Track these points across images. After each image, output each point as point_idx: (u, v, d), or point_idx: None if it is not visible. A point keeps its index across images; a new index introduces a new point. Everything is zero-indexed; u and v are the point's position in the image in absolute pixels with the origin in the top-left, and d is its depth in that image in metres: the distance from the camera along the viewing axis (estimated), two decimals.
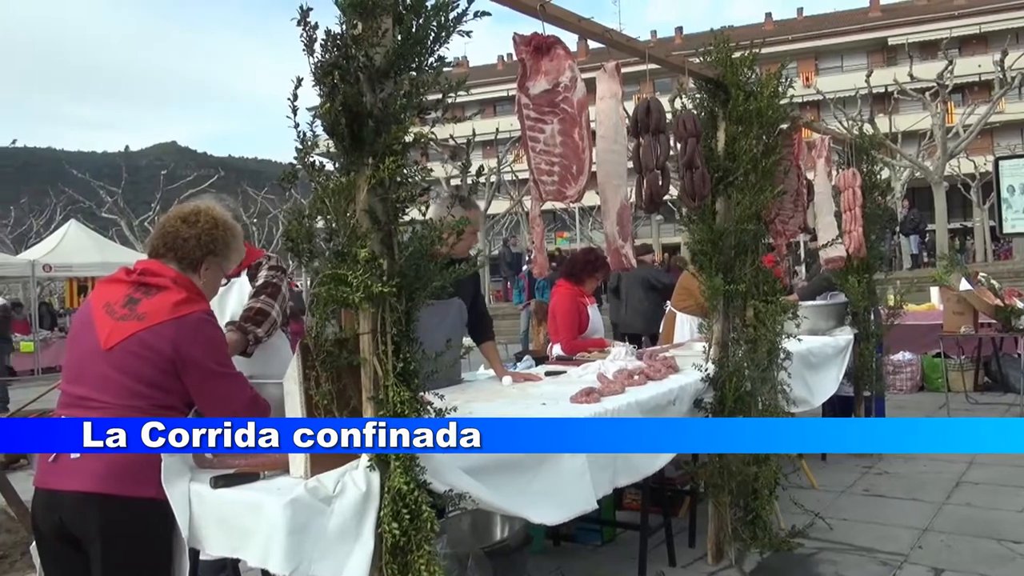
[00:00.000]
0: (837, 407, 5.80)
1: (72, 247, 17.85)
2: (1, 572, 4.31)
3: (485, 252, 20.83)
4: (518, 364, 6.71)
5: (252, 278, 2.94)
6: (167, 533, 2.11)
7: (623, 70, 2.99)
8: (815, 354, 4.90)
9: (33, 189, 43.62)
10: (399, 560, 2.05)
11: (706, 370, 3.70)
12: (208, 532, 2.12)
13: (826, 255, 5.25)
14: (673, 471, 4.11)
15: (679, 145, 3.33)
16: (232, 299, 2.87)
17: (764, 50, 4.00)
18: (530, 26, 2.76)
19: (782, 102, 3.92)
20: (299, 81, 1.98)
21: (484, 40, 2.15)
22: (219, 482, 2.12)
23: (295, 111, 2.00)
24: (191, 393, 2.16)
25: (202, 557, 2.64)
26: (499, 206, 28.41)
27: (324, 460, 2.14)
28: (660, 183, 3.01)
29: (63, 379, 2.21)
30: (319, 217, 2.10)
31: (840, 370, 5.22)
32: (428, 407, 2.14)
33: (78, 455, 2.05)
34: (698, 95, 3.81)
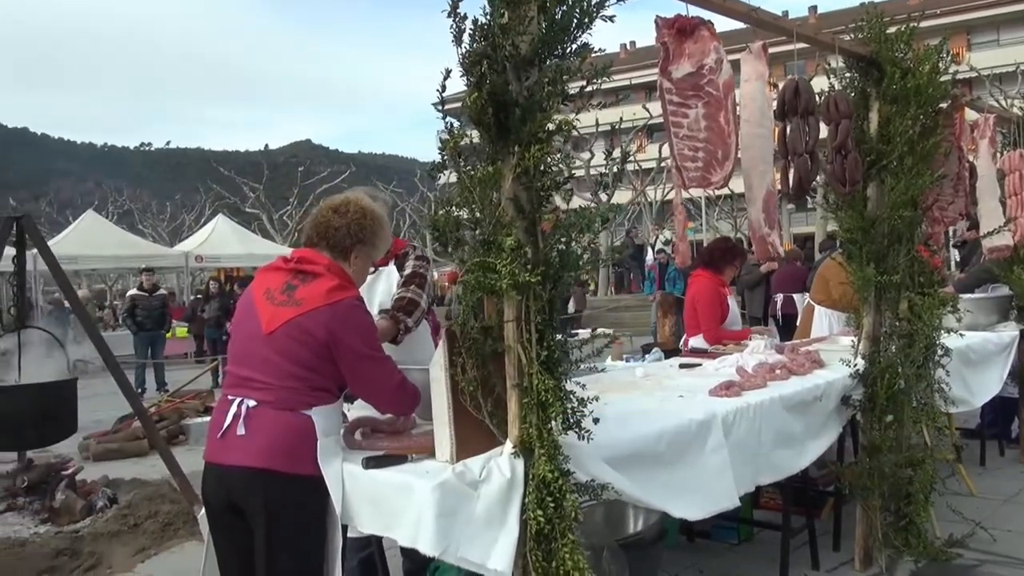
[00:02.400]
0: (999, 409, 5.35)
1: (220, 240, 19.16)
2: (166, 539, 4.67)
3: (608, 243, 20.64)
4: (646, 356, 6.59)
5: (399, 267, 3.04)
6: (323, 509, 2.22)
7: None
8: (975, 351, 4.54)
9: (185, 186, 47.20)
10: (543, 547, 2.06)
11: (855, 365, 3.50)
12: (360, 510, 2.21)
13: (990, 243, 4.83)
14: (815, 471, 3.92)
15: (828, 128, 3.15)
16: (380, 287, 2.97)
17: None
18: (671, 8, 2.69)
19: (942, 79, 3.64)
20: (447, 73, 2.01)
21: (607, 27, 2.09)
22: (370, 463, 2.21)
23: (443, 103, 2.03)
24: (344, 375, 2.26)
25: (350, 534, 2.76)
26: (621, 196, 28.08)
27: (469, 445, 2.18)
28: (809, 168, 2.86)
29: (229, 361, 2.36)
30: (463, 207, 2.13)
31: (1004, 369, 4.81)
32: (571, 396, 2.14)
33: (244, 432, 2.19)
34: (848, 74, 3.59)
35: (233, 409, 2.22)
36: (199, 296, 14.45)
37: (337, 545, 2.24)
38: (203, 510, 2.48)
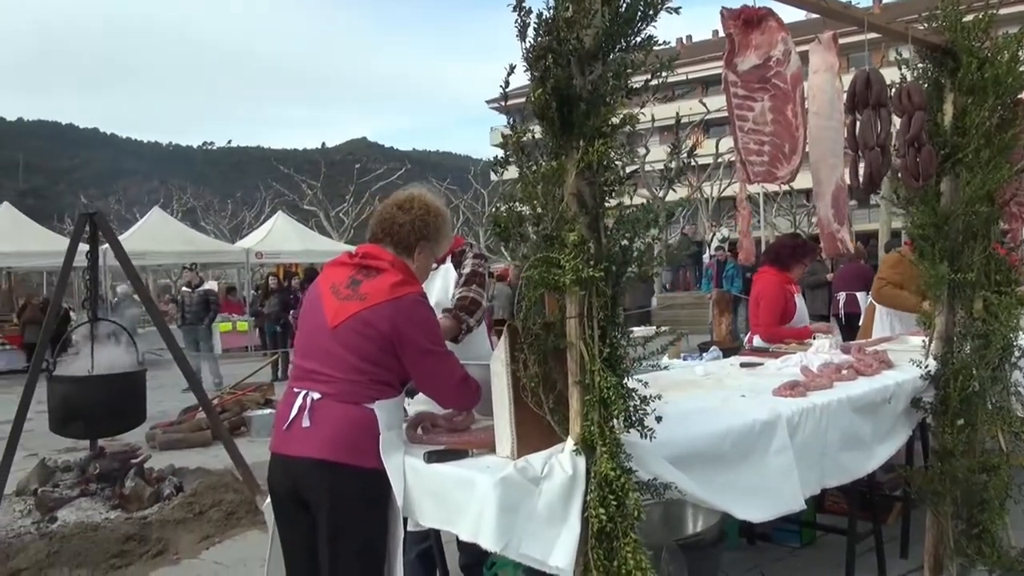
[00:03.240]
0: None
1: (279, 236, 19.59)
2: (230, 527, 4.80)
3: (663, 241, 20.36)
4: (704, 355, 6.49)
5: (456, 265, 3.05)
6: (385, 501, 2.25)
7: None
8: None
9: (246, 184, 48.29)
10: (605, 546, 2.04)
11: (926, 367, 3.38)
12: (421, 503, 2.23)
13: None
14: (882, 474, 3.81)
15: (901, 120, 3.05)
16: (437, 284, 2.98)
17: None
18: None
19: (1022, 68, 3.47)
20: (511, 68, 2.00)
21: (665, 22, 2.05)
22: (432, 457, 2.22)
23: (506, 99, 2.02)
24: (407, 369, 2.28)
25: (408, 528, 2.78)
26: (679, 192, 27.70)
27: (530, 441, 2.18)
28: (881, 162, 2.77)
29: (295, 353, 2.41)
30: (526, 202, 2.12)
31: None
32: (633, 394, 2.11)
33: (309, 424, 2.22)
34: (920, 64, 3.46)
35: (299, 401, 2.26)
36: (259, 291, 14.78)
37: (398, 537, 2.26)
38: (268, 500, 2.54)
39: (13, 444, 4.57)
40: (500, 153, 2.13)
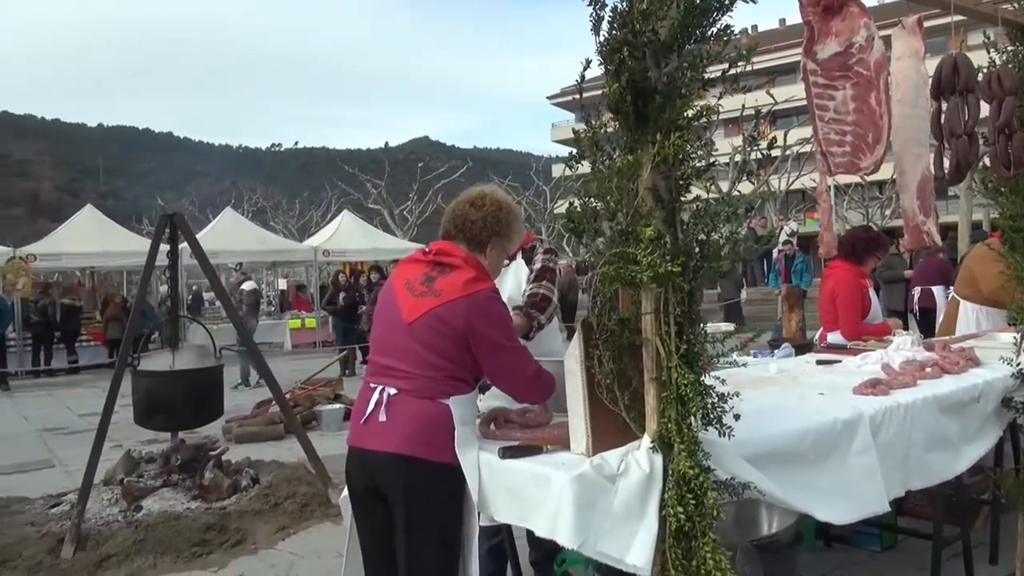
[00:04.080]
0: None
1: (345, 235, 19.98)
2: (304, 519, 4.92)
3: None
4: (775, 352, 6.35)
5: (527, 261, 3.05)
6: (460, 496, 2.26)
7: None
8: None
9: (312, 184, 49.37)
10: (683, 545, 2.01)
11: (1018, 365, 3.22)
12: (496, 499, 2.23)
13: None
14: (968, 477, 3.65)
15: (990, 106, 2.91)
16: (509, 281, 2.99)
17: None
18: None
19: None
20: (587, 63, 1.98)
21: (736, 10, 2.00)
22: (506, 453, 2.22)
23: (581, 92, 2.01)
24: (481, 365, 2.29)
25: (480, 523, 2.80)
26: (742, 187, 27.11)
27: (605, 438, 2.16)
28: (968, 150, 2.65)
29: (371, 350, 2.44)
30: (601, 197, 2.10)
31: None
32: (711, 391, 2.07)
33: (385, 419, 2.26)
34: (1011, 47, 3.29)
35: (375, 396, 2.29)
36: (329, 288, 15.08)
37: (474, 532, 2.28)
38: (344, 493, 2.59)
39: (102, 436, 4.78)
40: (564, 149, 2.13)
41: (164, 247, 5.33)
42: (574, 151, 2.09)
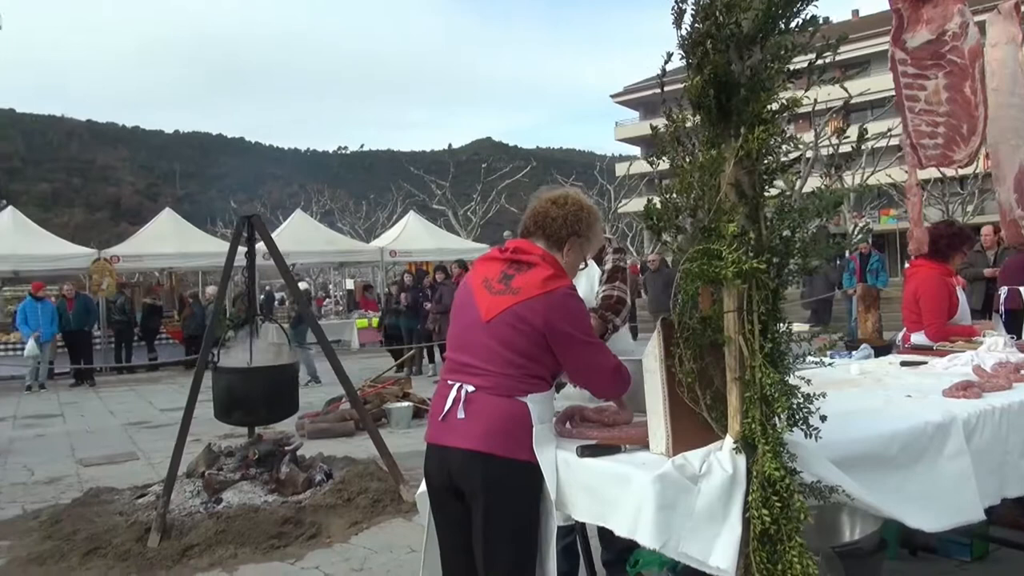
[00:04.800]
0: None
1: (411, 235, 20.26)
2: (376, 514, 5.00)
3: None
4: (853, 353, 6.17)
5: (598, 261, 3.03)
6: (537, 494, 2.26)
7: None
8: None
9: (377, 186, 50.23)
10: (767, 548, 1.96)
11: None
12: (575, 498, 2.22)
13: None
14: None
15: None
16: (582, 284, 2.97)
17: None
18: None
19: None
20: (668, 56, 1.96)
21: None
22: (585, 451, 2.21)
23: (662, 87, 1.99)
24: (561, 362, 2.29)
25: (558, 521, 2.79)
26: (813, 182, 26.43)
27: (686, 438, 2.13)
28: None
29: (448, 347, 2.46)
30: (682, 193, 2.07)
31: None
32: (796, 391, 2.02)
33: (464, 416, 2.27)
34: None
35: (453, 393, 2.31)
36: (396, 287, 15.29)
37: (552, 530, 2.27)
38: (421, 489, 2.62)
39: (185, 430, 4.96)
40: (628, 148, 2.11)
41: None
42: (638, 149, 2.06)
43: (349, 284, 27.00)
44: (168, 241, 16.91)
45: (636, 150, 50.78)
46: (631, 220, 38.06)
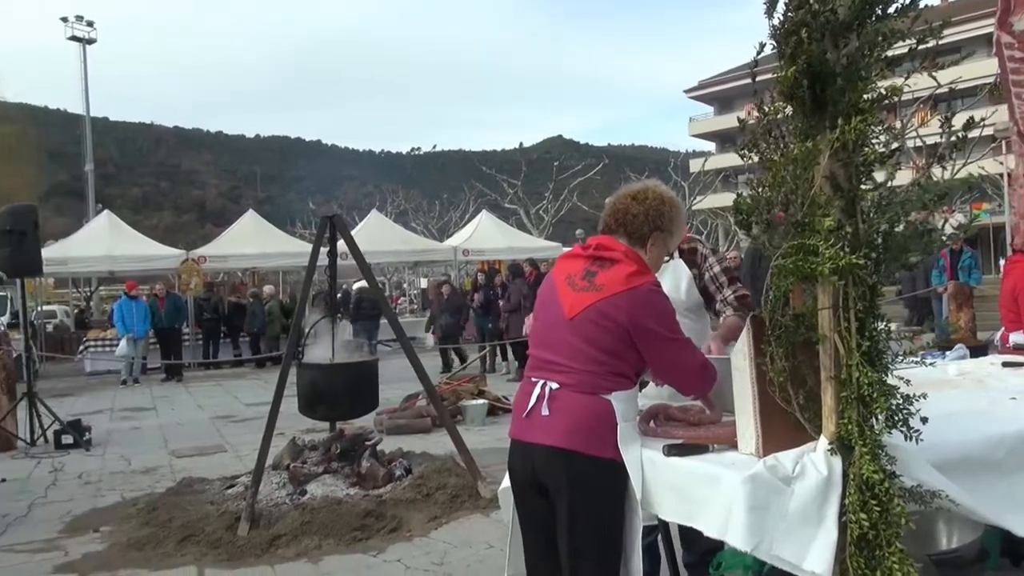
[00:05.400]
0: None
1: (483, 234, 20.41)
2: (454, 510, 5.06)
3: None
4: (947, 353, 5.91)
5: (689, 264, 3.01)
6: (623, 493, 2.24)
7: None
8: None
9: (450, 186, 50.77)
10: (865, 554, 1.89)
11: None
12: (661, 497, 2.19)
13: None
14: None
15: None
16: (667, 281, 2.93)
17: None
18: None
19: None
20: (761, 46, 1.91)
21: None
22: (671, 450, 2.18)
23: (754, 77, 1.94)
24: (646, 359, 2.27)
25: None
26: (901, 176, 25.35)
27: (777, 438, 2.07)
28: None
29: (531, 344, 2.47)
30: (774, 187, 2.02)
31: None
32: (895, 392, 1.94)
33: (548, 413, 2.27)
34: None
35: (536, 390, 2.31)
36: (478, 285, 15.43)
37: (637, 529, 2.25)
38: (503, 484, 2.63)
39: (272, 424, 5.13)
40: (703, 144, 2.08)
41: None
42: (713, 144, 2.01)
43: (423, 283, 27.38)
44: (251, 242, 17.51)
45: (711, 146, 49.87)
46: (705, 217, 37.37)
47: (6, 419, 7.92)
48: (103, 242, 16.25)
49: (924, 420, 1.97)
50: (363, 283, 13.57)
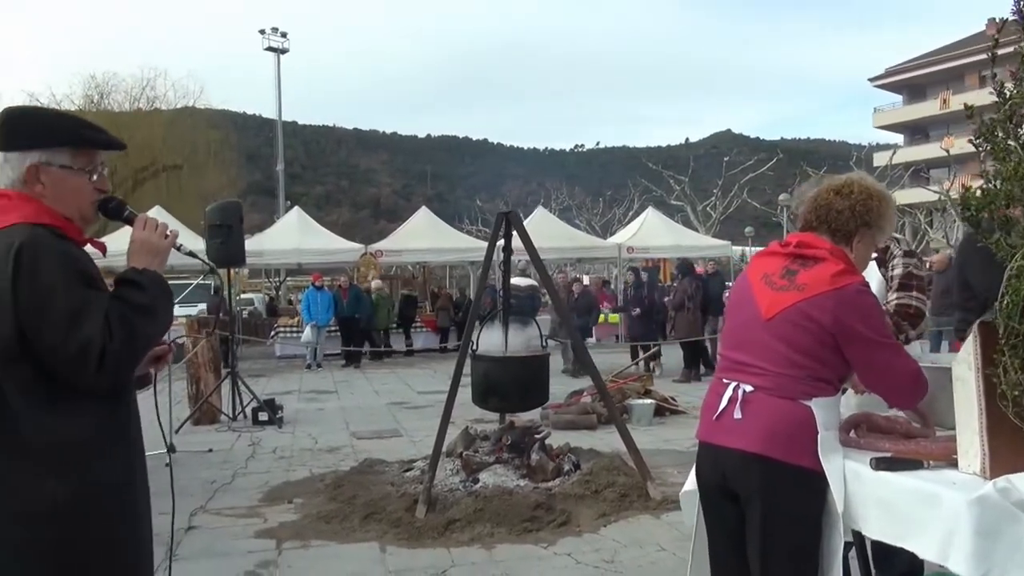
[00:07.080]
0: None
1: (649, 231, 20.11)
2: (623, 508, 5.01)
3: None
4: None
5: (880, 263, 2.79)
6: (821, 504, 2.12)
7: None
8: None
9: (613, 182, 50.42)
10: None
11: None
12: (866, 513, 2.05)
13: None
14: None
15: None
16: (872, 278, 2.74)
17: None
18: None
19: None
20: (1002, 23, 1.72)
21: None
22: (880, 464, 2.03)
23: (994, 60, 1.75)
24: (853, 364, 2.13)
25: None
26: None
27: (1007, 458, 1.87)
28: None
29: (723, 345, 2.39)
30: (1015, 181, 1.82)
31: None
32: None
33: (741, 417, 2.18)
34: None
35: (728, 393, 2.23)
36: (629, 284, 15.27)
37: (837, 546, 2.11)
38: (686, 487, 2.56)
39: (448, 412, 5.32)
40: (889, 136, 1.87)
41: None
42: (901, 136, 1.82)
43: (585, 280, 27.43)
44: (423, 237, 18.32)
45: (898, 138, 46.14)
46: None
47: (212, 395, 8.77)
48: (293, 236, 17.64)
49: None
50: (518, 280, 13.83)
